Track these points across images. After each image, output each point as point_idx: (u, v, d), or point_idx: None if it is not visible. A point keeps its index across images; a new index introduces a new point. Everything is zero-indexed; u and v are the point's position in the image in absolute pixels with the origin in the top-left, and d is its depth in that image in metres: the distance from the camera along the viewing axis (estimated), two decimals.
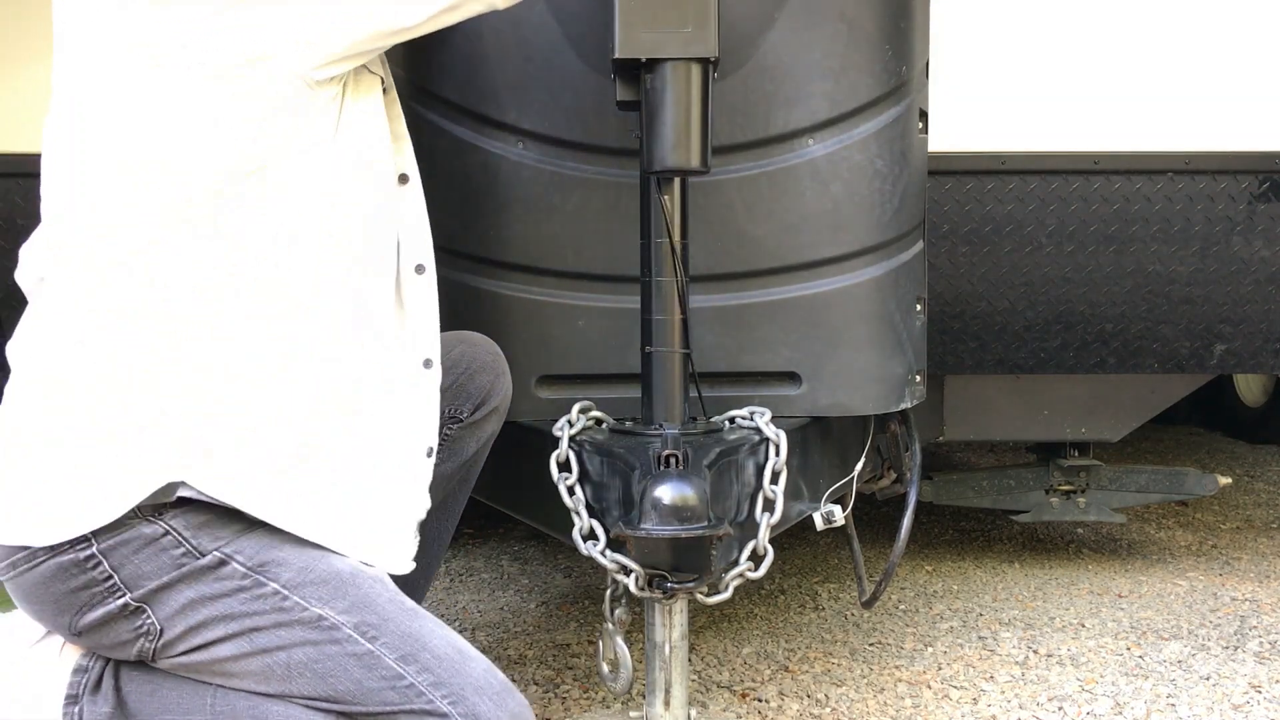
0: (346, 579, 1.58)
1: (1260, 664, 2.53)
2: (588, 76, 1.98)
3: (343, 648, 1.55)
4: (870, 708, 2.30)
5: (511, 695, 1.60)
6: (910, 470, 2.24)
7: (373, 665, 1.55)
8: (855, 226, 2.03)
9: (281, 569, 1.56)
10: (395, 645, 1.56)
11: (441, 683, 1.55)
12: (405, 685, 1.55)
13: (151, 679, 1.61)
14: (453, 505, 2.05)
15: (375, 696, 1.55)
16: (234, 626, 1.55)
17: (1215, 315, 2.66)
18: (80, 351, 1.55)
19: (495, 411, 2.01)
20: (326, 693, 1.55)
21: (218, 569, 1.54)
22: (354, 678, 1.55)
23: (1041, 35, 2.57)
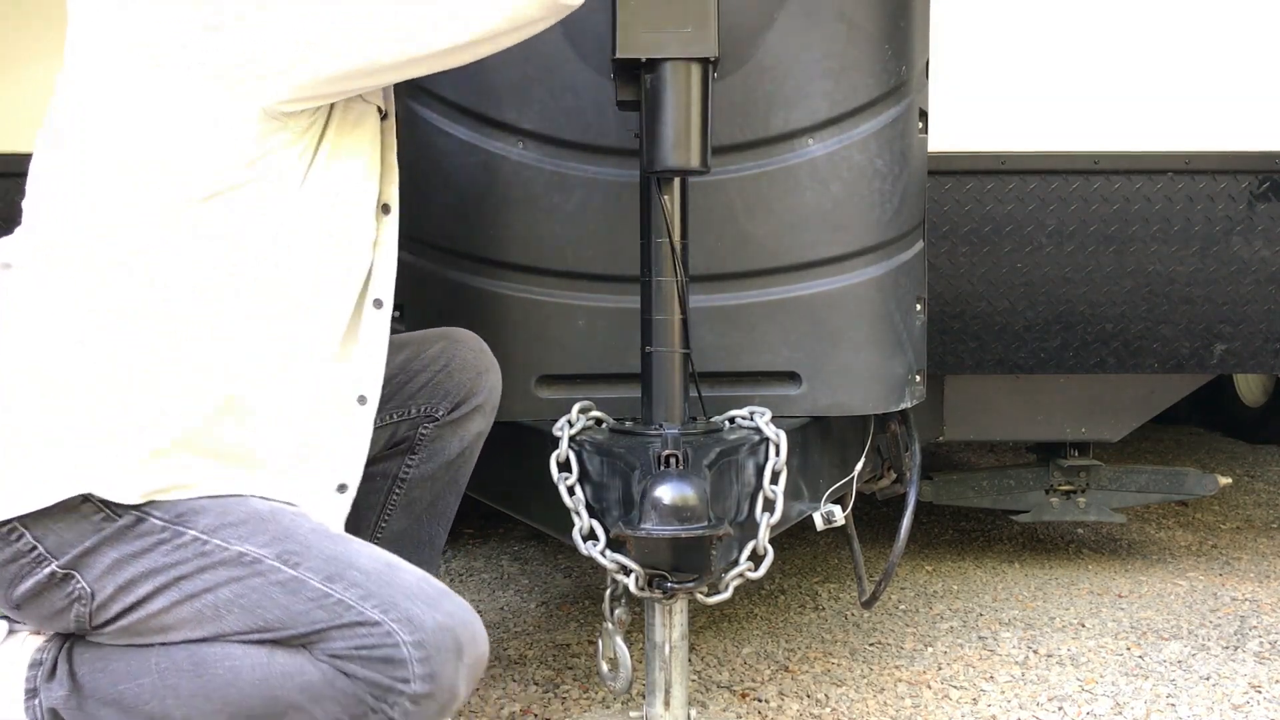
0: (265, 516, 1.60)
1: (1260, 664, 2.53)
2: (588, 76, 1.98)
3: (266, 578, 1.56)
4: (870, 708, 2.30)
5: (447, 598, 1.60)
6: (910, 470, 2.24)
7: (298, 589, 1.55)
8: (855, 226, 2.03)
9: (199, 516, 1.57)
10: (319, 568, 1.56)
11: (371, 594, 1.55)
12: (333, 602, 1.55)
13: (101, 654, 1.63)
14: (442, 507, 2.05)
15: (304, 618, 1.55)
16: (161, 579, 1.56)
17: (1215, 315, 2.66)
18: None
19: (479, 410, 2.00)
20: (257, 624, 1.56)
21: (136, 526, 1.56)
22: (281, 604, 1.55)
23: (1041, 35, 2.57)
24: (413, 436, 1.99)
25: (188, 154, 1.55)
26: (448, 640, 1.55)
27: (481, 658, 1.61)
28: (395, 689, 1.53)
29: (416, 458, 2.00)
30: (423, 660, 1.53)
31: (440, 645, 1.54)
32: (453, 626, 1.56)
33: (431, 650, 1.54)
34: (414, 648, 1.53)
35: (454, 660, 1.55)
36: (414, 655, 1.53)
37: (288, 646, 1.56)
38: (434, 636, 1.54)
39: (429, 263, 2.07)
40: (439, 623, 1.55)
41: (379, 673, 1.53)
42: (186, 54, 1.54)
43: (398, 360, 1.95)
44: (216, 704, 1.57)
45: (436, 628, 1.55)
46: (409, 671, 1.53)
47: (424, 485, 2.01)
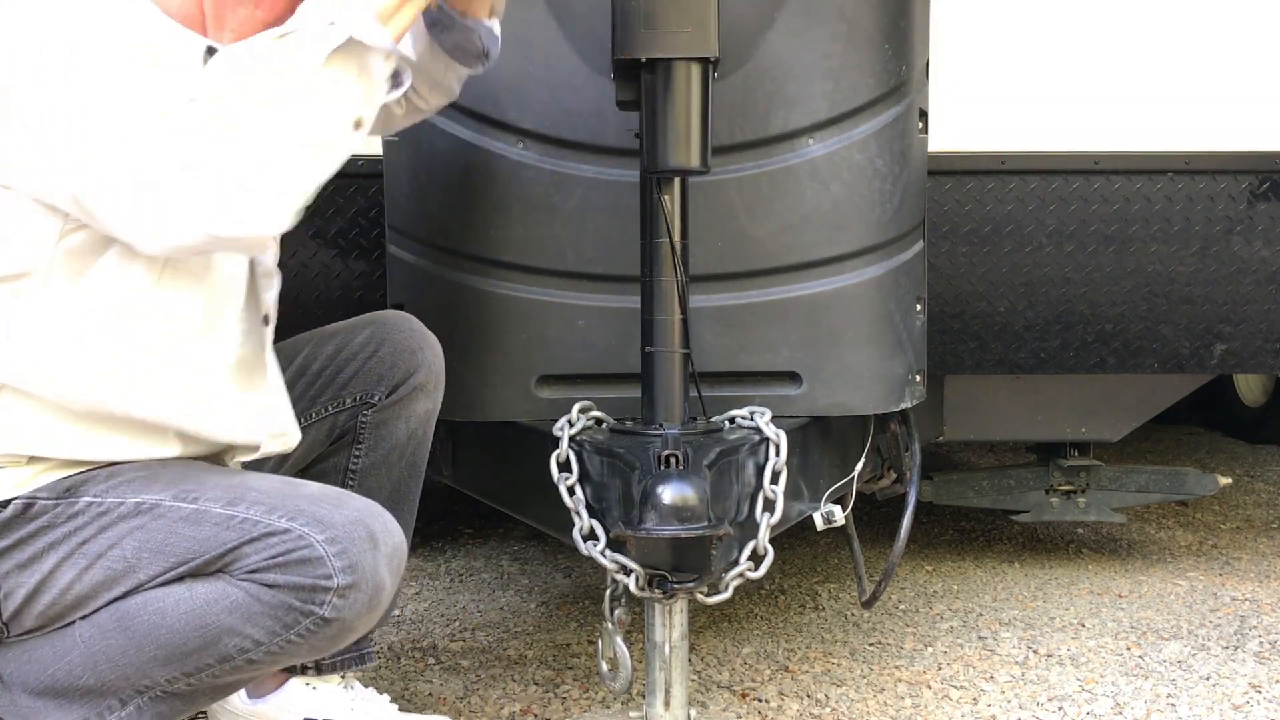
0: (155, 467, 1.61)
1: (1260, 664, 2.53)
2: (588, 76, 1.98)
3: (169, 519, 1.57)
4: (870, 708, 2.30)
5: (351, 498, 1.62)
6: (910, 470, 2.24)
7: (201, 520, 1.56)
8: (855, 226, 2.03)
9: (88, 484, 1.58)
10: (218, 496, 1.57)
11: (275, 507, 1.56)
12: (239, 521, 1.56)
13: (24, 648, 1.62)
14: (405, 493, 2.05)
15: (214, 542, 1.55)
16: (64, 550, 1.57)
17: (1215, 315, 2.66)
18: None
19: (421, 388, 2.00)
20: (170, 563, 1.56)
21: (25, 512, 1.57)
22: (188, 536, 1.56)
23: (1041, 35, 2.57)
24: (354, 426, 2.00)
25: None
26: (360, 531, 1.56)
27: (399, 548, 1.62)
28: (319, 586, 1.54)
29: (363, 446, 2.01)
30: (340, 553, 1.54)
31: (354, 536, 1.55)
32: (362, 519, 1.57)
33: (346, 543, 1.54)
34: (328, 544, 1.54)
35: (370, 550, 1.56)
36: (329, 551, 1.54)
37: (205, 576, 1.56)
38: (346, 530, 1.55)
39: (429, 263, 2.07)
40: (348, 517, 1.56)
41: (299, 575, 1.54)
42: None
43: (325, 352, 1.96)
44: (149, 651, 1.57)
45: (347, 522, 1.56)
46: (329, 567, 1.54)
47: (378, 474, 2.01)
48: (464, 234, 2.04)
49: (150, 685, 1.59)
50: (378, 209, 2.32)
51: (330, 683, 2.09)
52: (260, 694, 2.10)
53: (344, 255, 2.48)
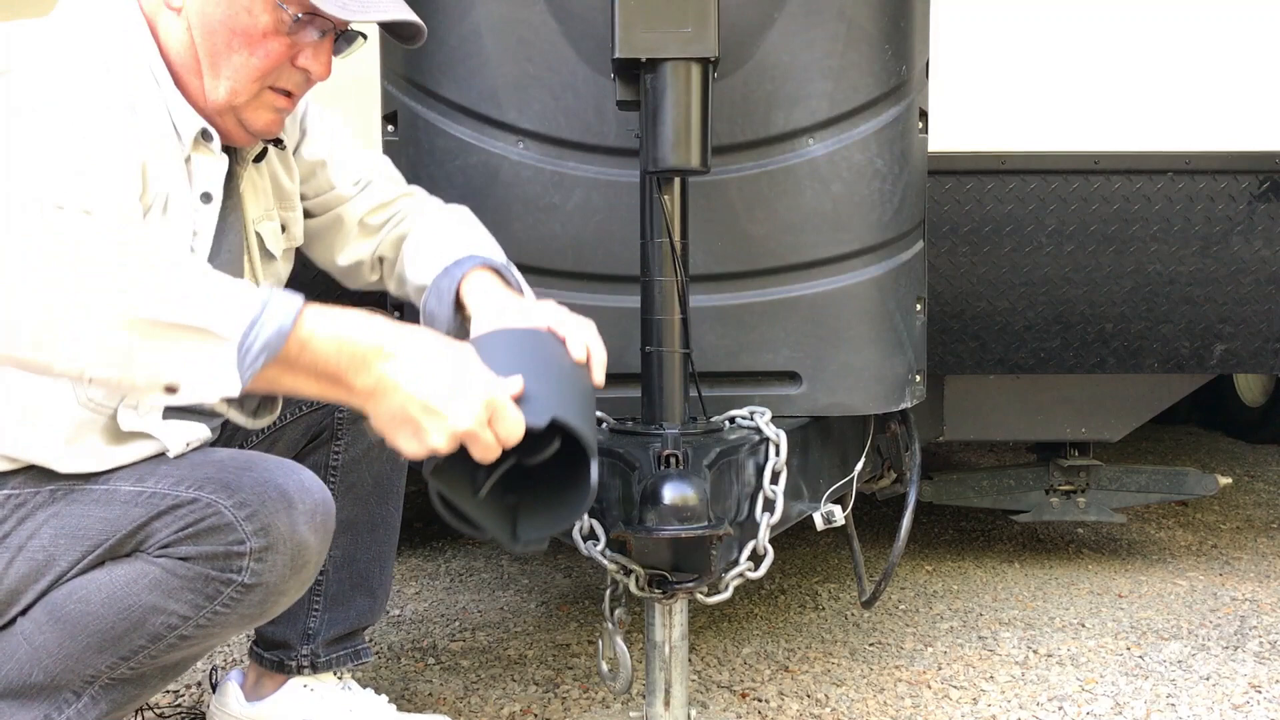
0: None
1: (1260, 664, 2.53)
2: (588, 76, 1.98)
3: (81, 502, 1.56)
4: (870, 708, 2.30)
5: (262, 459, 1.60)
6: (910, 470, 2.24)
7: (111, 499, 1.55)
8: (855, 226, 2.03)
9: (6, 478, 1.58)
10: (128, 474, 1.57)
11: (182, 479, 1.55)
12: (147, 496, 1.55)
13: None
14: (388, 485, 2.05)
15: (124, 520, 1.54)
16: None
17: (1215, 315, 2.66)
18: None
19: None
20: (86, 546, 1.55)
21: None
22: (99, 517, 1.55)
23: (1041, 35, 2.57)
24: (330, 423, 2.00)
25: None
26: (271, 492, 1.53)
27: (320, 504, 1.58)
28: (232, 553, 1.52)
29: (341, 443, 2.01)
30: (250, 516, 1.52)
31: (264, 497, 1.53)
32: (272, 479, 1.55)
33: (256, 505, 1.52)
34: (235, 508, 1.52)
35: (284, 509, 1.54)
36: (238, 515, 1.52)
37: (124, 558, 1.56)
38: (255, 492, 1.53)
39: None
40: (257, 479, 1.53)
41: (211, 544, 1.52)
42: None
43: None
44: (82, 641, 1.56)
45: (255, 483, 1.53)
46: (240, 531, 1.52)
47: (359, 468, 2.01)
48: None
49: (95, 675, 1.58)
50: None
51: (326, 681, 2.09)
52: (258, 696, 2.10)
53: None
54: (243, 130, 1.68)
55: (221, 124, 1.67)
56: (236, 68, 1.61)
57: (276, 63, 1.63)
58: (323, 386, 1.37)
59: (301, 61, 1.64)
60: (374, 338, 1.37)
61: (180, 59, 1.63)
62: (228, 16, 1.59)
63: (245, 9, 1.59)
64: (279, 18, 1.60)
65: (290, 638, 2.08)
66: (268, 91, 1.65)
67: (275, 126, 1.70)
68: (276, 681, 2.10)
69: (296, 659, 2.08)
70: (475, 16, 1.99)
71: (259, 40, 1.60)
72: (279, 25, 1.60)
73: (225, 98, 1.63)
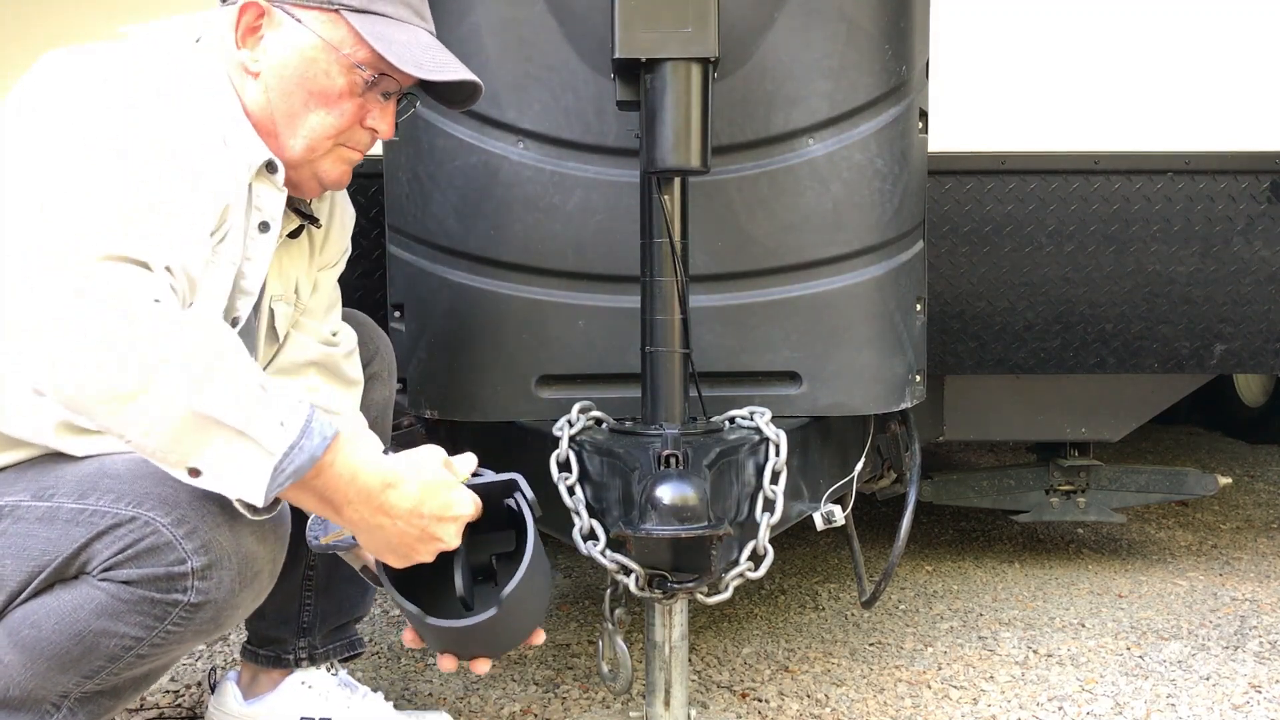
0: (25, 464, 1.58)
1: (1260, 664, 2.53)
2: (588, 76, 1.98)
3: (26, 520, 1.53)
4: (870, 708, 2.30)
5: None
6: (910, 470, 2.24)
7: (54, 517, 1.52)
8: (855, 226, 2.03)
9: None
10: (72, 489, 1.52)
11: (123, 494, 1.49)
12: (88, 515, 1.50)
13: None
14: None
15: (66, 540, 1.50)
16: None
17: (1215, 315, 2.66)
18: None
19: (377, 376, 2.06)
20: (32, 567, 1.51)
21: None
22: (43, 537, 1.51)
23: (1041, 35, 2.57)
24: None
25: None
26: (212, 505, 1.48)
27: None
28: (175, 574, 1.47)
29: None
30: (189, 534, 1.47)
31: (205, 512, 1.48)
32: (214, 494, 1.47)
33: (196, 521, 1.47)
34: (174, 526, 1.47)
35: (227, 523, 1.48)
36: (177, 533, 1.47)
37: (68, 581, 1.52)
38: (194, 508, 1.47)
39: (429, 263, 2.07)
40: (198, 492, 1.45)
41: (152, 566, 1.47)
42: None
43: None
44: (43, 664, 1.53)
45: (196, 496, 1.47)
46: (180, 550, 1.47)
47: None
48: (464, 234, 2.04)
49: (65, 692, 1.55)
50: (378, 209, 2.32)
51: (323, 677, 2.10)
52: (255, 694, 2.10)
53: None
54: (316, 183, 1.76)
55: (296, 177, 1.73)
56: (313, 126, 1.69)
57: (351, 122, 1.70)
58: (320, 506, 1.49)
59: (370, 122, 1.72)
60: (381, 473, 1.50)
61: (257, 118, 1.68)
62: (305, 78, 1.66)
63: (324, 72, 1.66)
64: (354, 80, 1.68)
65: (285, 633, 2.08)
66: (341, 147, 1.73)
67: (348, 177, 1.78)
68: (273, 678, 2.10)
69: (294, 652, 2.09)
70: (475, 16, 2.00)
71: (335, 101, 1.68)
72: (354, 87, 1.68)
73: (302, 154, 1.70)
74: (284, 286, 1.86)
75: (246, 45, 1.67)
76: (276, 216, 1.71)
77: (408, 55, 1.66)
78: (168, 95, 1.55)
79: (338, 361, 1.98)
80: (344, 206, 1.98)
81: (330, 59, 1.66)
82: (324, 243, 1.93)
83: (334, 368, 1.98)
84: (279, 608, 2.05)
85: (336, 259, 1.98)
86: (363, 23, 1.65)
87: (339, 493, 1.46)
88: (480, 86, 1.76)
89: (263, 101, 1.67)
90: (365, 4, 1.66)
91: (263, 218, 1.70)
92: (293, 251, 1.86)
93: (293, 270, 1.87)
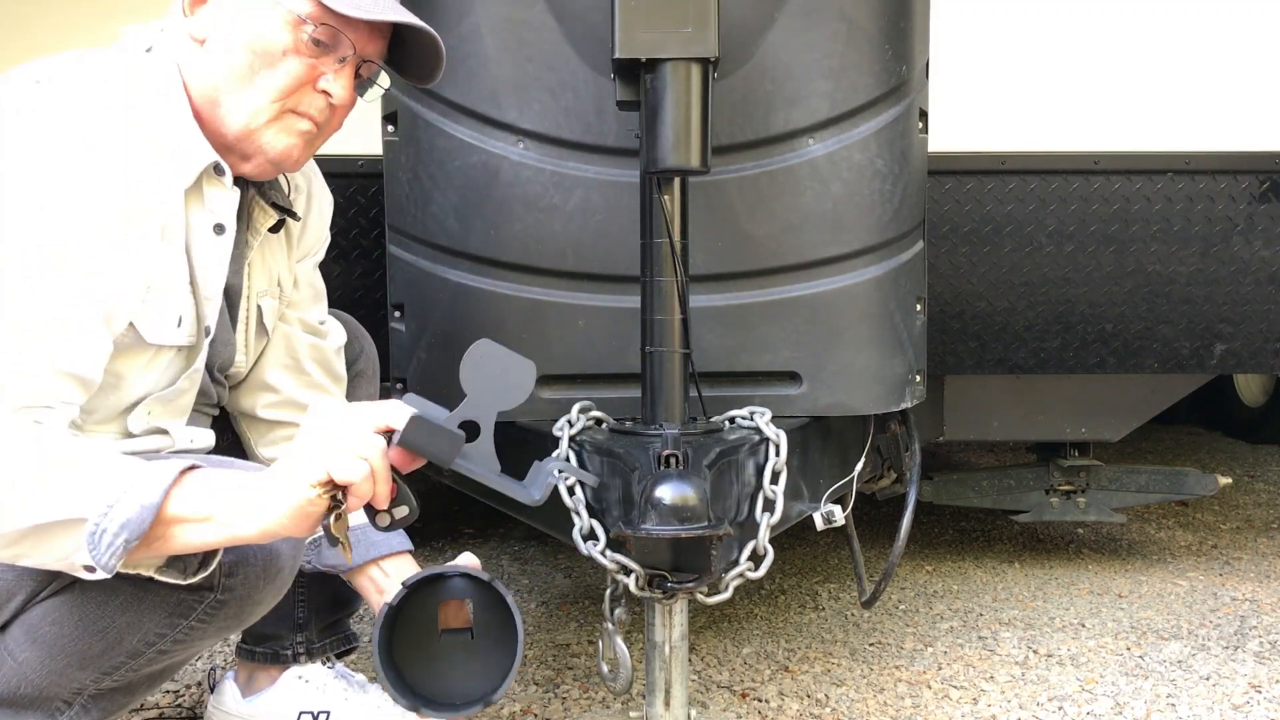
0: None
1: (1260, 664, 2.53)
2: (588, 76, 1.98)
3: None
4: (870, 708, 2.30)
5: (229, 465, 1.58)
6: (910, 470, 2.24)
7: None
8: (855, 226, 2.03)
9: None
10: None
11: None
12: None
13: None
14: None
15: None
16: None
17: (1215, 315, 2.66)
18: None
19: (362, 375, 2.08)
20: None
21: None
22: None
23: (1041, 35, 2.57)
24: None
25: None
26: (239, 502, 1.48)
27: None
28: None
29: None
30: None
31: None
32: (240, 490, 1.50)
33: None
34: None
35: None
36: None
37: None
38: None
39: (429, 263, 2.07)
40: (222, 489, 1.47)
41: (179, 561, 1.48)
42: None
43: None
44: (62, 660, 1.54)
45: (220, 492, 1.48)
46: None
47: None
48: (464, 234, 2.04)
49: (81, 688, 1.57)
50: (378, 209, 2.32)
51: (319, 671, 2.10)
52: (254, 691, 2.10)
53: (344, 255, 2.48)
54: (264, 157, 1.68)
55: (242, 150, 1.67)
56: (258, 88, 1.63)
57: (296, 83, 1.64)
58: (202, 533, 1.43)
59: (323, 84, 1.66)
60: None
61: (203, 91, 1.64)
62: (248, 38, 1.61)
63: (267, 27, 1.61)
64: (299, 37, 1.62)
65: (280, 629, 2.08)
66: (288, 114, 1.66)
67: (295, 152, 1.70)
68: (271, 675, 2.11)
69: (291, 648, 2.09)
70: (475, 16, 1.99)
71: (278, 58, 1.62)
72: (299, 44, 1.62)
73: (245, 119, 1.64)
74: (269, 281, 1.86)
75: (195, 12, 1.64)
76: (230, 218, 1.69)
77: (349, 2, 1.60)
78: (94, 141, 1.52)
79: (327, 355, 1.98)
80: (321, 196, 1.97)
81: (274, 15, 1.61)
82: (301, 234, 1.92)
83: (324, 361, 1.98)
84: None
85: (315, 249, 1.98)
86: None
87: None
88: (440, 48, 1.69)
89: (208, 66, 1.63)
90: None
91: (216, 219, 1.67)
92: (273, 245, 1.86)
93: (275, 265, 1.87)
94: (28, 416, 1.42)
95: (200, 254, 1.67)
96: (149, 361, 1.64)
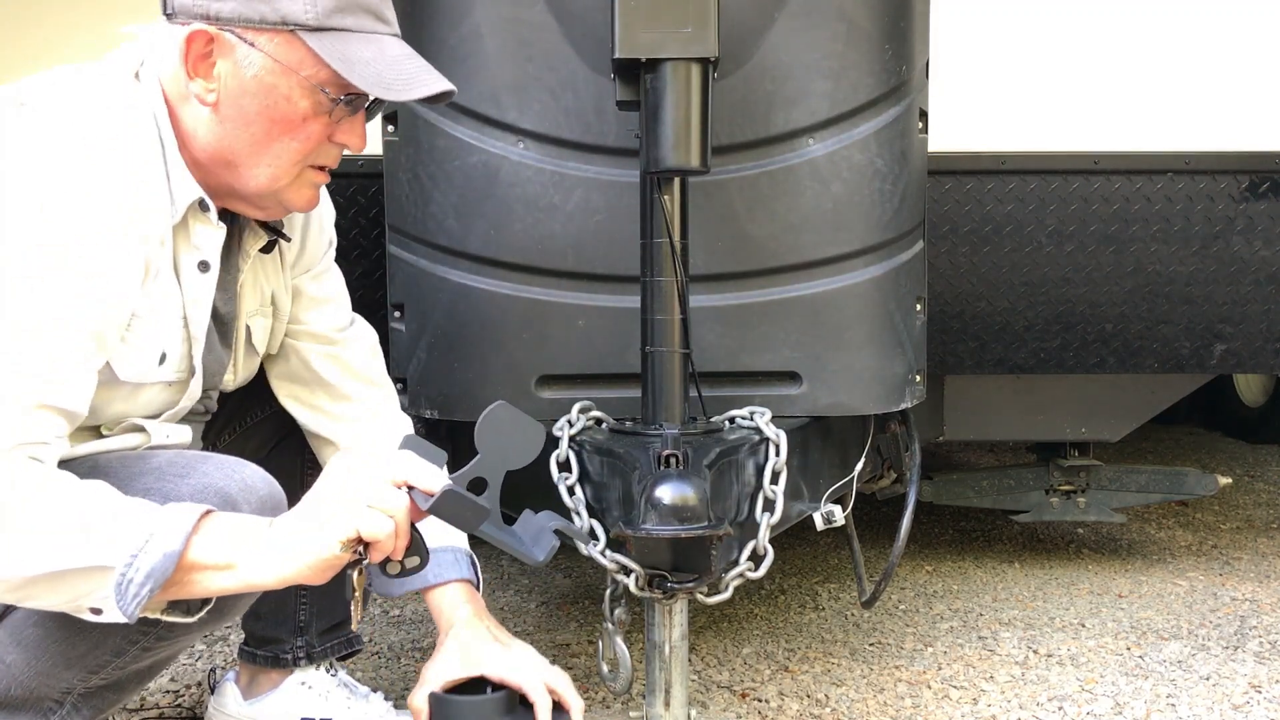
0: None
1: (1260, 664, 2.53)
2: (588, 76, 1.98)
3: None
4: (870, 708, 2.30)
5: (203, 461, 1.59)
6: (910, 470, 2.24)
7: None
8: (855, 226, 2.03)
9: None
10: None
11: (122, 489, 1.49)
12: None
13: None
14: None
15: None
16: None
17: (1215, 315, 2.66)
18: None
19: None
20: None
21: None
22: None
23: (1041, 35, 2.57)
24: (295, 423, 2.00)
25: None
26: (211, 497, 1.52)
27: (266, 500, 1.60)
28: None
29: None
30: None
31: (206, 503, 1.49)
32: (212, 484, 1.55)
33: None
34: None
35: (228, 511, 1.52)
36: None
37: None
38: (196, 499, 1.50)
39: (429, 263, 2.07)
40: (195, 485, 1.53)
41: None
42: None
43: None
44: (48, 661, 1.55)
45: (194, 490, 1.53)
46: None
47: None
48: (464, 234, 2.04)
49: (69, 688, 1.57)
50: (378, 209, 2.32)
51: (321, 676, 2.10)
52: (255, 695, 2.10)
53: (344, 255, 2.47)
54: (282, 209, 1.70)
55: (259, 204, 1.68)
56: (277, 154, 1.61)
57: (317, 144, 1.63)
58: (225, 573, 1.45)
59: (339, 137, 1.65)
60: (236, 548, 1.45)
61: (216, 153, 1.62)
62: (265, 107, 1.58)
63: (284, 97, 1.57)
64: (317, 101, 1.59)
65: (281, 633, 2.08)
66: (307, 170, 1.66)
67: (315, 201, 1.72)
68: (273, 679, 2.10)
69: (292, 651, 2.09)
70: (475, 16, 1.99)
71: (299, 125, 1.60)
72: (318, 108, 1.60)
73: (267, 183, 1.63)
74: (259, 301, 1.84)
75: (199, 74, 1.57)
76: (214, 255, 1.67)
77: (371, 74, 1.56)
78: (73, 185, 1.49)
79: (347, 362, 1.97)
80: (320, 209, 1.93)
81: (290, 83, 1.57)
82: (301, 250, 1.89)
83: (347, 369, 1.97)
84: (275, 607, 2.05)
85: (315, 262, 1.94)
86: (320, 42, 1.55)
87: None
88: (453, 90, 1.67)
89: (219, 133, 1.60)
90: (321, 20, 1.55)
91: (201, 256, 1.66)
92: (265, 265, 1.83)
93: (267, 284, 1.85)
94: (23, 454, 1.42)
95: (187, 291, 1.66)
96: (129, 395, 1.63)
